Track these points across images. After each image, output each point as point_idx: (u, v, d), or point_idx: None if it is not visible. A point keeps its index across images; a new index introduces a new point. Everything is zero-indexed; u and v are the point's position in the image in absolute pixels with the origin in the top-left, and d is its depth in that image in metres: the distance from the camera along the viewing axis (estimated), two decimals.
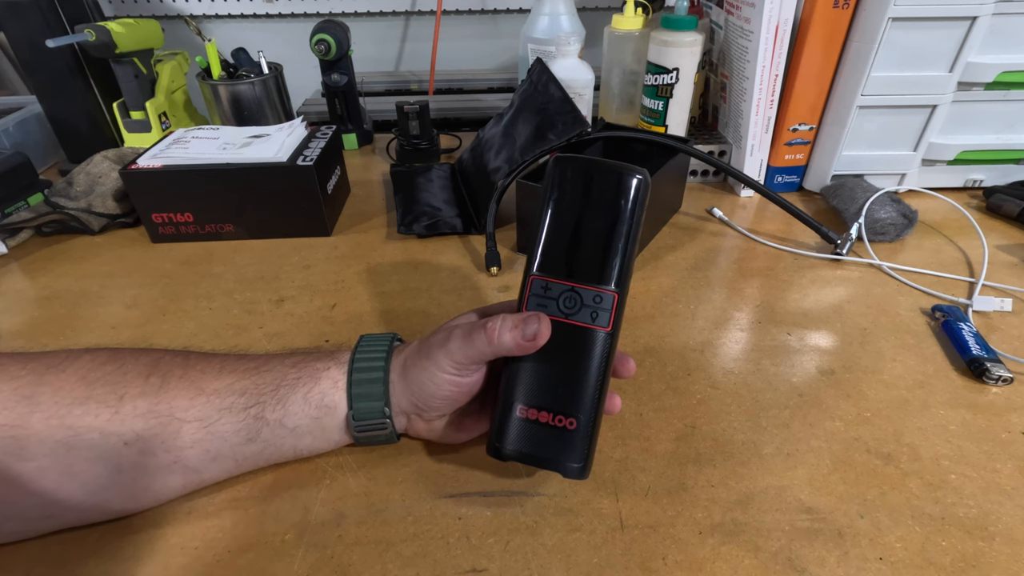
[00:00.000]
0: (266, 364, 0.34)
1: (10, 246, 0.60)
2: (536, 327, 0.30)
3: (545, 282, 0.32)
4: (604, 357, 0.31)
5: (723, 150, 0.71)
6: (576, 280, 0.32)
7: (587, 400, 0.31)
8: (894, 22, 0.57)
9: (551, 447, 0.31)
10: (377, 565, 0.31)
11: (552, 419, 0.31)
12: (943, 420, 0.39)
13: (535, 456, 0.31)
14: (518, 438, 0.31)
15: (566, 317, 0.31)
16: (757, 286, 0.54)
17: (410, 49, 1.09)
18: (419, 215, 0.63)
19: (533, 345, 0.31)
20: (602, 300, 0.31)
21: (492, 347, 0.31)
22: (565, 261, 0.32)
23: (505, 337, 0.30)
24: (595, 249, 0.32)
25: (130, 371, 0.31)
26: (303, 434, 0.33)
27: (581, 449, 0.31)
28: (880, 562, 0.31)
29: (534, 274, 0.32)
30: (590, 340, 0.31)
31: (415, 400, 0.33)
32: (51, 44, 0.63)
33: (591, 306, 0.31)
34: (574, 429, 0.31)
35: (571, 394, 0.31)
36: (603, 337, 0.31)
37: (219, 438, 0.31)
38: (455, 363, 0.31)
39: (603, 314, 0.31)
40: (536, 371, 0.32)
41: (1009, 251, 0.58)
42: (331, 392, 0.33)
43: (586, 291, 0.31)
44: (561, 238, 0.32)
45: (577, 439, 0.31)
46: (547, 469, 0.32)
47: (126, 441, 0.30)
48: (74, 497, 0.30)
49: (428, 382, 0.32)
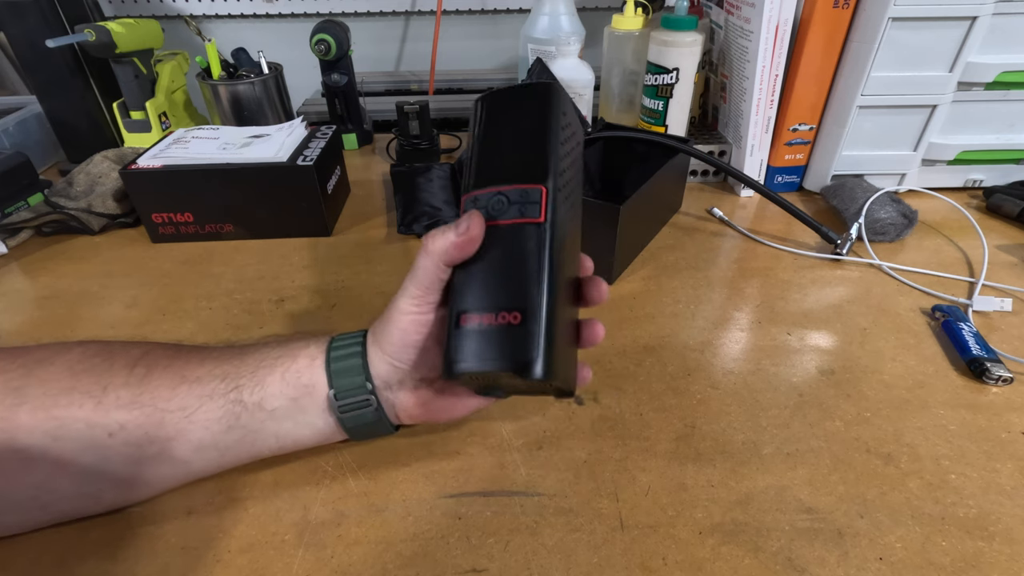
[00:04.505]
0: (250, 349, 0.34)
1: (10, 246, 0.60)
2: (467, 221, 0.30)
3: (473, 196, 0.32)
4: (542, 247, 0.30)
5: (723, 150, 0.71)
6: (500, 184, 0.31)
7: (529, 289, 0.29)
8: (894, 22, 0.57)
9: (500, 348, 0.28)
10: (377, 565, 0.31)
11: (495, 319, 0.29)
12: (943, 420, 0.39)
13: (484, 361, 0.28)
14: (466, 349, 0.29)
15: (495, 219, 0.31)
16: (757, 286, 0.54)
17: (410, 49, 1.09)
18: (419, 215, 0.63)
19: (468, 239, 0.30)
20: (529, 194, 0.31)
21: (431, 256, 0.30)
22: (487, 172, 0.32)
23: (439, 240, 0.30)
24: (512, 152, 0.32)
25: (117, 362, 0.31)
26: (282, 418, 0.33)
27: (532, 342, 0.28)
28: (880, 562, 0.31)
29: (464, 195, 0.32)
30: (523, 234, 0.30)
31: (389, 358, 0.32)
32: (51, 44, 0.63)
33: (519, 202, 0.31)
34: (520, 323, 0.28)
35: (513, 287, 0.29)
36: (536, 228, 0.30)
37: (201, 427, 0.31)
38: (411, 298, 0.31)
39: (532, 207, 0.30)
40: (474, 277, 0.30)
41: (1009, 251, 0.58)
42: (307, 371, 0.33)
43: (511, 191, 0.31)
44: (482, 155, 0.33)
45: (524, 332, 0.28)
46: (501, 375, 0.29)
47: (110, 432, 0.30)
48: (65, 488, 0.30)
49: (394, 328, 0.32)
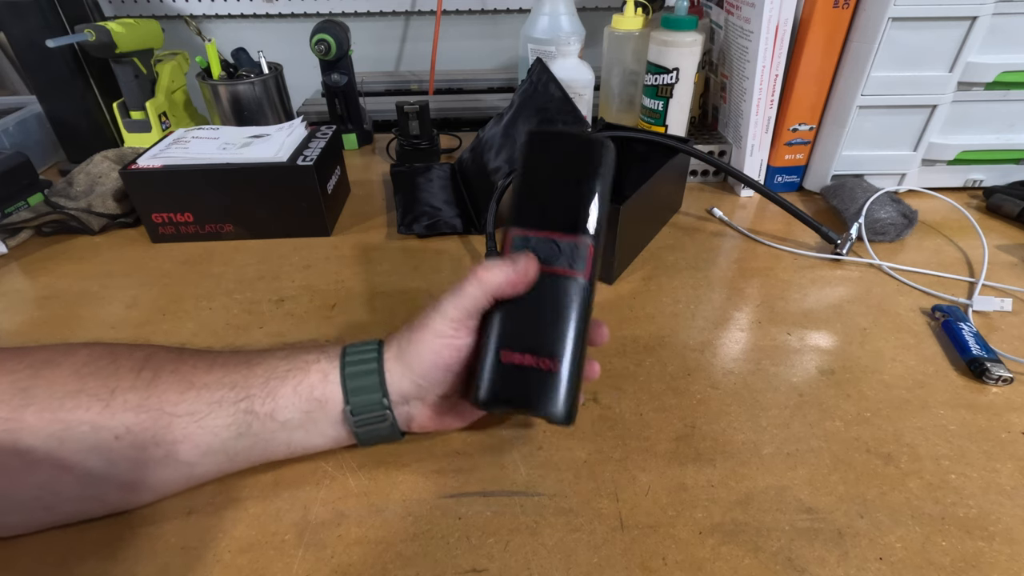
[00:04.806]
0: (257, 358, 0.34)
1: (10, 246, 0.60)
2: (525, 261, 0.31)
3: (525, 235, 0.33)
4: (583, 303, 0.32)
5: (723, 150, 0.71)
6: (554, 230, 0.33)
7: (569, 342, 0.31)
8: (894, 22, 0.57)
9: (534, 391, 0.31)
10: (377, 565, 0.31)
11: (535, 362, 0.31)
12: (943, 420, 0.39)
13: (519, 401, 0.31)
14: (502, 384, 0.31)
15: (546, 264, 0.32)
16: (757, 286, 0.54)
17: (410, 49, 1.09)
18: (419, 215, 0.63)
19: (523, 279, 0.31)
20: (579, 248, 0.32)
21: (483, 287, 0.31)
22: (542, 215, 0.33)
23: (496, 274, 0.31)
24: (570, 203, 0.33)
25: (123, 365, 0.31)
26: (294, 428, 0.33)
27: (565, 392, 0.31)
28: (880, 562, 0.31)
29: (514, 229, 0.33)
30: (569, 286, 0.32)
31: (416, 377, 0.33)
32: (51, 44, 0.63)
33: (568, 254, 0.32)
34: (557, 372, 0.31)
35: (553, 337, 0.31)
36: (582, 284, 0.32)
37: (210, 432, 0.31)
38: (450, 321, 0.31)
39: (580, 262, 0.32)
40: (518, 316, 0.32)
41: (1009, 251, 0.58)
42: (320, 385, 0.33)
43: (563, 240, 0.32)
44: (538, 196, 0.33)
45: (560, 382, 0.31)
46: (531, 414, 0.32)
47: (117, 435, 0.30)
48: (70, 490, 0.30)
49: (426, 350, 0.32)
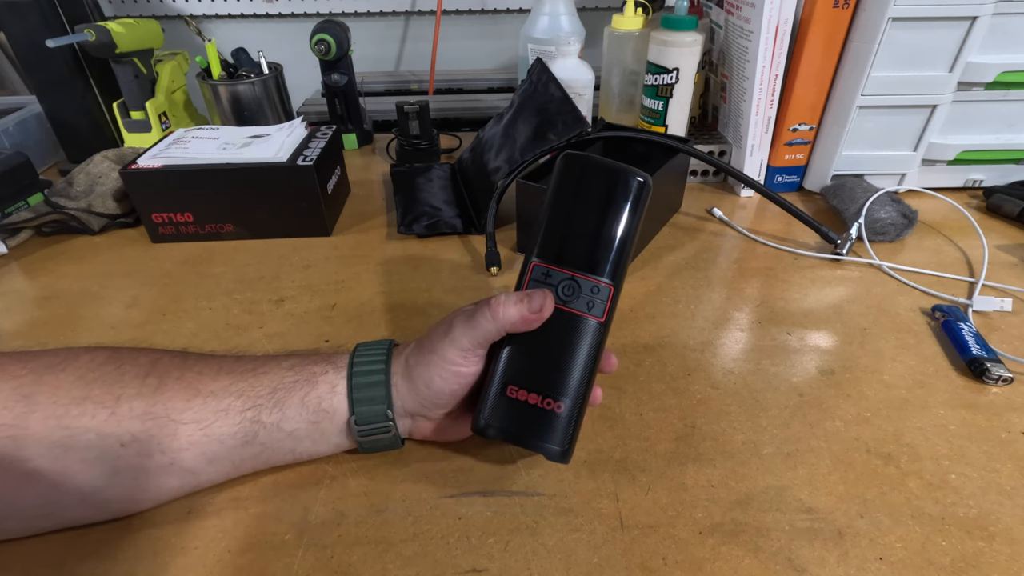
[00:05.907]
0: (263, 366, 0.34)
1: (10, 246, 0.60)
2: (541, 300, 0.31)
3: (546, 268, 0.33)
4: (595, 347, 0.32)
5: (723, 150, 0.71)
6: (576, 270, 0.32)
7: (576, 386, 0.32)
8: (894, 22, 0.57)
9: (536, 428, 0.32)
10: (377, 565, 0.31)
11: (541, 401, 0.32)
12: (943, 420, 0.39)
13: (520, 435, 0.32)
14: (506, 417, 0.32)
15: (564, 304, 0.32)
16: (757, 286, 0.54)
17: (410, 49, 1.09)
18: (419, 215, 0.63)
19: (538, 318, 0.31)
20: (599, 291, 0.32)
21: (497, 323, 0.31)
22: (567, 251, 0.33)
23: (511, 310, 0.31)
24: (596, 243, 0.33)
25: (128, 371, 0.31)
26: (301, 438, 0.33)
27: (566, 433, 0.32)
28: (880, 562, 0.31)
29: (536, 260, 0.33)
30: (584, 328, 0.32)
31: (422, 400, 0.33)
32: (51, 44, 0.63)
33: (588, 296, 0.32)
34: (560, 413, 0.32)
35: (561, 379, 0.32)
36: (597, 327, 0.32)
37: (216, 440, 0.31)
38: (461, 350, 0.31)
39: (599, 304, 0.32)
40: (529, 353, 0.32)
41: (1009, 251, 0.58)
42: (328, 397, 0.33)
43: (585, 281, 0.32)
44: (565, 229, 0.33)
45: (563, 423, 0.32)
46: (530, 449, 0.33)
47: (122, 442, 0.30)
48: (72, 497, 0.30)
49: (436, 377, 0.32)
